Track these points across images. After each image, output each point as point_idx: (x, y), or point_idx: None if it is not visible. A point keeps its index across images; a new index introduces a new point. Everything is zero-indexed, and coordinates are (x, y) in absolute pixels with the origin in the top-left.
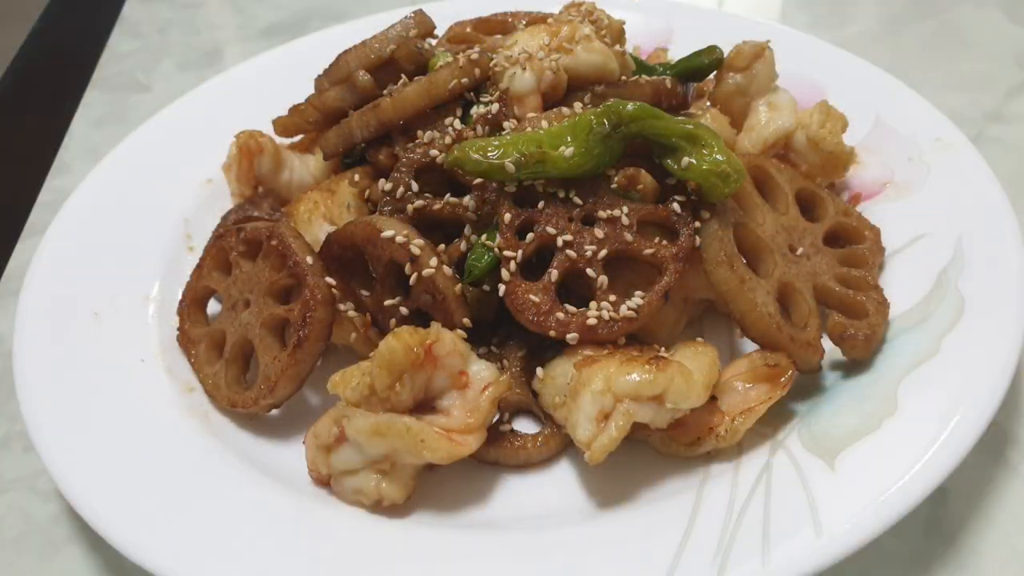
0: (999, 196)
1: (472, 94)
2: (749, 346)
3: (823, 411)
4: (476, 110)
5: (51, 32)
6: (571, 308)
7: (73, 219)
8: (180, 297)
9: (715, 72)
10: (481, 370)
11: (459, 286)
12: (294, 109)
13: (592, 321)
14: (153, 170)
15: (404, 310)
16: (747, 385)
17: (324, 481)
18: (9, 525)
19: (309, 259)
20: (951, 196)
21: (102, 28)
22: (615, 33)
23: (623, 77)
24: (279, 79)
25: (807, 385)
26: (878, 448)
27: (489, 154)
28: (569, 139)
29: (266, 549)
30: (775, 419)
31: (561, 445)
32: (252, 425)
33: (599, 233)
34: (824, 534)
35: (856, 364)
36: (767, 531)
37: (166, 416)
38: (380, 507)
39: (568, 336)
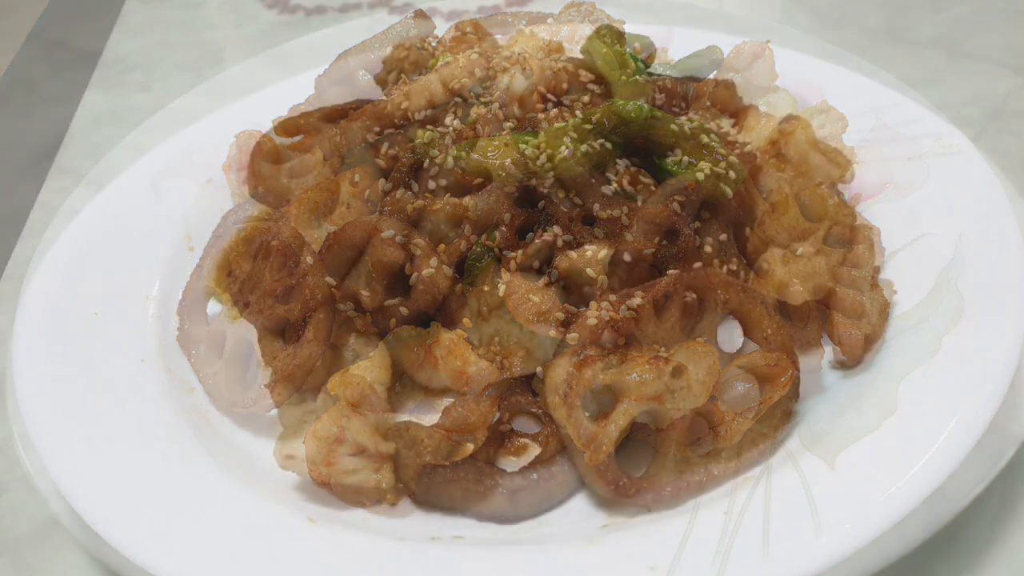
0: (999, 196)
1: (472, 94)
2: (749, 346)
3: (823, 411)
4: (476, 110)
5: (51, 32)
6: (571, 308)
7: (73, 219)
8: (180, 297)
9: (715, 72)
10: (481, 370)
11: (459, 286)
12: (294, 109)
13: (592, 321)
14: (153, 170)
15: (404, 310)
16: (747, 385)
17: (324, 481)
18: (9, 525)
19: (309, 259)
20: (951, 196)
21: (102, 28)
22: (615, 33)
23: (623, 77)
24: (279, 79)
25: (807, 385)
26: (878, 448)
27: (489, 154)
28: (569, 139)
29: (266, 550)
30: (775, 419)
31: (561, 445)
32: (252, 425)
33: (599, 233)
34: (824, 534)
35: (856, 364)
36: (767, 531)
37: (166, 416)
38: (380, 507)
39: (568, 336)
